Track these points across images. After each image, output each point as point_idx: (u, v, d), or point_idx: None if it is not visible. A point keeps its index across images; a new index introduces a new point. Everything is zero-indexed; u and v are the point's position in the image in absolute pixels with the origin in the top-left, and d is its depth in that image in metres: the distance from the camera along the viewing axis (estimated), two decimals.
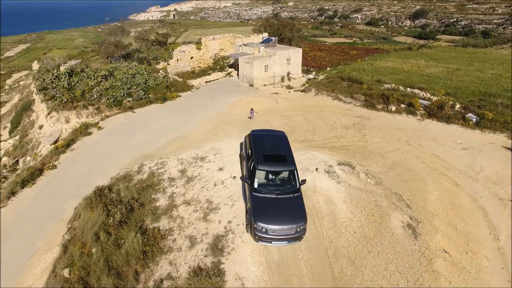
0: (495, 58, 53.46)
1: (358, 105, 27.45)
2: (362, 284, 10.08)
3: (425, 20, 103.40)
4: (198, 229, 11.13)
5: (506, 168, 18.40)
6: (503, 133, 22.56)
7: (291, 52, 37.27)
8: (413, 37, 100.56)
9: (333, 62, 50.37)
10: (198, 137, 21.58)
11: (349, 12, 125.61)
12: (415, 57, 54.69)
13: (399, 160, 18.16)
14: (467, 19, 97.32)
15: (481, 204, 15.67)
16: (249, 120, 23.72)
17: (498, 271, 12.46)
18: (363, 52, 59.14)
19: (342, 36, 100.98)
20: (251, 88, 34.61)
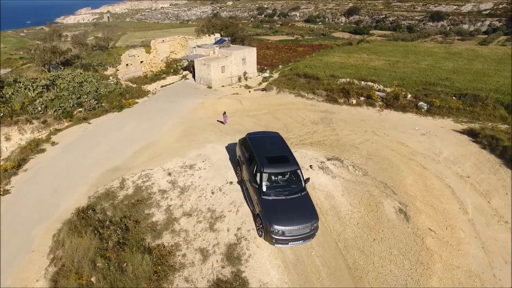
0: (425, 51, 59.01)
1: (321, 101, 28.53)
2: (375, 271, 10.61)
3: (359, 17, 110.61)
4: (207, 240, 10.72)
5: (460, 148, 20.54)
6: (449, 117, 25.14)
7: (246, 51, 37.41)
8: (349, 33, 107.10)
9: (283, 60, 51.54)
10: (170, 144, 20.74)
11: (288, 10, 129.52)
12: (357, 52, 58.18)
13: (372, 150, 19.30)
14: (394, 16, 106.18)
15: (448, 183, 17.32)
16: (220, 123, 23.34)
17: (473, 240, 13.91)
18: (309, 48, 61.43)
19: (284, 34, 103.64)
20: (210, 90, 34.08)
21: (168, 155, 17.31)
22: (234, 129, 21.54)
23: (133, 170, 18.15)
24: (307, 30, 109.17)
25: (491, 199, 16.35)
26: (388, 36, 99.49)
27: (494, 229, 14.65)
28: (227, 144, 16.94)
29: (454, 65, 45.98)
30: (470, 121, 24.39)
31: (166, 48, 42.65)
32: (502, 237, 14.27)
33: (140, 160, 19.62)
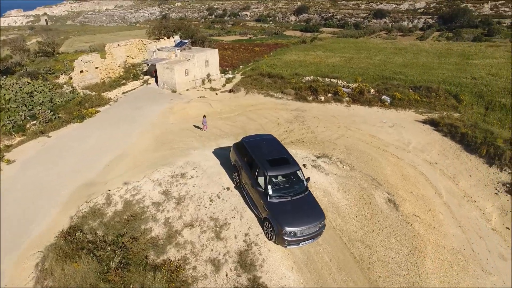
0: (375, 47, 62.60)
1: (290, 99, 29.08)
2: (379, 260, 11.13)
3: (308, 15, 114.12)
4: (215, 250, 10.44)
5: (425, 137, 22.17)
6: (410, 109, 27.00)
7: (209, 53, 36.92)
8: (300, 31, 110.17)
9: (242, 60, 51.60)
10: (148, 153, 19.88)
11: (238, 10, 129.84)
12: (313, 49, 60.02)
13: (349, 145, 20.12)
14: (341, 14, 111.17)
15: (420, 171, 18.63)
16: (198, 128, 22.79)
17: (451, 221, 15.11)
18: (266, 48, 62.14)
19: (236, 34, 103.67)
20: (175, 94, 33.13)
21: (151, 165, 16.56)
22: (212, 133, 21.19)
23: (112, 183, 17.13)
24: (259, 30, 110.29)
25: (458, 182, 17.88)
26: (337, 33, 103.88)
27: (466, 209, 16.04)
28: (213, 149, 16.63)
29: (403, 59, 49.30)
30: (428, 111, 26.38)
31: (123, 53, 40.62)
32: (473, 215, 15.69)
33: (117, 172, 18.59)
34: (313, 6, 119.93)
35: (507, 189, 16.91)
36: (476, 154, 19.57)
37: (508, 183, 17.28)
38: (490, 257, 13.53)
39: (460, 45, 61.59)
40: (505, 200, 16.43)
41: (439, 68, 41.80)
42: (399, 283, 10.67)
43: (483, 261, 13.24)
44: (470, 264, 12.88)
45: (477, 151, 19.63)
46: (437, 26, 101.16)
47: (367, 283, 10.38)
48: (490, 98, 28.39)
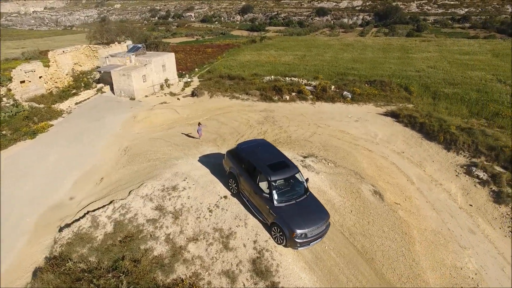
0: (323, 44, 65.36)
1: (256, 100, 29.29)
2: (379, 249, 11.79)
3: (253, 15, 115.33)
4: (227, 261, 10.21)
5: (388, 129, 23.77)
6: (370, 103, 28.73)
7: (165, 57, 35.77)
8: (246, 30, 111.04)
9: (196, 62, 50.76)
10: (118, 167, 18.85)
11: (182, 11, 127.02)
12: (265, 49, 60.91)
13: (323, 142, 20.88)
14: (285, 12, 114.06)
15: (391, 161, 19.98)
16: (170, 135, 22.00)
17: (426, 205, 16.43)
18: (218, 49, 61.72)
19: (183, 35, 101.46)
20: (134, 101, 31.62)
21: (131, 180, 15.69)
22: (189, 140, 20.62)
23: (86, 203, 16.04)
24: (206, 30, 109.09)
25: (425, 168, 19.49)
26: (283, 32, 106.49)
27: (435, 192, 17.55)
28: (197, 157, 16.18)
29: (351, 55, 52.17)
30: (386, 104, 28.31)
31: (69, 60, 37.67)
32: (442, 197, 17.22)
33: (90, 190, 17.43)
34: (257, 5, 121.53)
35: (465, 171, 18.82)
36: (435, 141, 21.47)
37: (465, 165, 19.23)
38: (463, 233, 14.98)
39: (398, 40, 66.78)
40: (465, 180, 18.28)
41: (385, 63, 44.95)
42: (400, 269, 11.42)
43: (458, 237, 14.62)
44: (449, 242, 14.15)
45: (436, 139, 21.55)
46: (374, 23, 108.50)
47: (373, 273, 10.95)
48: (435, 89, 31.26)
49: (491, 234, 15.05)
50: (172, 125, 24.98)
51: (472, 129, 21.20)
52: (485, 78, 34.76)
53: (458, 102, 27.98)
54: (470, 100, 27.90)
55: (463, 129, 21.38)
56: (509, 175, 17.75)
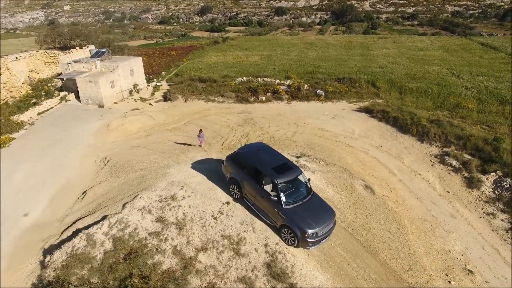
0: (287, 43, 66.38)
1: (232, 102, 29.20)
2: (380, 241, 12.34)
3: (212, 15, 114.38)
4: (241, 268, 10.12)
5: (364, 125, 24.81)
6: (343, 100, 29.77)
7: (133, 62, 34.49)
8: (207, 31, 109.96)
9: (162, 66, 49.46)
10: (100, 180, 18.00)
11: (138, 12, 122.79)
12: (230, 50, 60.73)
13: (307, 141, 21.34)
14: (244, 12, 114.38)
15: (372, 155, 20.91)
16: (150, 142, 21.27)
17: (410, 195, 17.40)
18: (182, 51, 60.53)
19: (141, 38, 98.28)
20: (103, 109, 30.17)
21: (121, 193, 15.01)
22: (174, 147, 20.07)
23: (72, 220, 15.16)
24: (165, 32, 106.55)
25: (403, 160, 20.64)
26: (243, 32, 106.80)
27: (416, 182, 18.65)
28: (190, 164, 15.81)
29: (316, 54, 53.56)
30: (358, 100, 29.49)
31: (23, 67, 35.05)
32: (423, 186, 18.35)
33: (73, 206, 16.49)
34: (216, 6, 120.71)
35: (439, 160, 20.19)
36: (409, 134, 22.77)
37: (438, 154, 20.63)
38: (445, 218, 16.09)
39: (357, 38, 69.65)
40: (440, 169, 19.62)
41: (349, 60, 46.72)
42: (401, 258, 12.05)
43: (442, 223, 15.68)
44: (435, 228, 15.13)
45: (409, 131, 22.86)
46: (331, 21, 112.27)
47: (379, 265, 11.47)
48: (400, 84, 33.09)
49: (469, 217, 16.31)
50: (149, 132, 24.20)
51: (440, 121, 22.78)
52: (441, 72, 37.39)
53: (422, 95, 29.86)
54: (433, 93, 29.89)
55: (433, 121, 22.90)
56: (477, 161, 19.31)
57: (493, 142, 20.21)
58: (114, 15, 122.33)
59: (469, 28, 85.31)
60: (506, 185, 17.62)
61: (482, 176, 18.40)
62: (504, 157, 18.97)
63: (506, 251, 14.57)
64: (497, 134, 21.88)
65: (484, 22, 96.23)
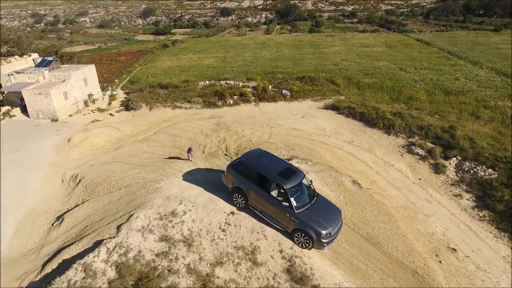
0: (238, 44, 66.49)
1: (200, 107, 28.63)
2: (380, 232, 13.06)
3: (156, 17, 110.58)
4: (262, 277, 9.99)
5: (333, 121, 25.90)
6: (308, 99, 30.73)
7: (86, 71, 32.20)
8: (152, 34, 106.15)
9: (113, 73, 46.87)
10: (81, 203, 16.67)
11: (74, 16, 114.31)
12: (181, 53, 59.35)
13: (284, 142, 21.71)
14: (189, 14, 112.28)
15: (346, 150, 21.94)
16: (124, 156, 20.07)
17: (388, 185, 18.59)
18: (131, 56, 57.78)
19: (81, 43, 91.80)
20: (58, 123, 27.80)
21: (109, 214, 14.00)
22: (152, 158, 19.15)
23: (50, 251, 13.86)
24: (107, 37, 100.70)
25: (375, 153, 21.95)
26: (190, 33, 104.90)
27: (391, 173, 19.98)
28: (180, 176, 15.21)
29: (270, 54, 54.43)
30: (322, 98, 30.65)
31: None
32: (397, 176, 19.73)
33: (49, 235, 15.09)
34: (159, 8, 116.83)
35: (407, 150, 21.84)
36: (376, 127, 24.26)
37: (405, 145, 22.30)
38: (423, 203, 17.47)
39: (306, 37, 72.09)
40: (409, 158, 21.23)
41: (304, 59, 48.24)
42: (399, 246, 12.90)
43: (421, 208, 17.00)
44: (416, 213, 16.37)
45: (376, 125, 24.36)
46: (276, 20, 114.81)
47: (383, 255, 12.16)
48: (356, 80, 35.01)
49: (441, 200, 17.89)
50: (118, 145, 22.85)
51: (402, 113, 24.61)
52: (390, 67, 40.30)
53: (379, 90, 31.94)
54: (388, 87, 32.13)
55: (395, 114, 24.66)
56: (439, 149, 21.23)
57: (449, 130, 22.34)
58: (46, 19, 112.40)
59: (402, 25, 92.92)
60: (466, 168, 19.62)
61: (445, 162, 20.29)
62: (460, 143, 21.07)
63: (476, 226, 16.25)
64: (449, 122, 24.22)
65: (413, 19, 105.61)
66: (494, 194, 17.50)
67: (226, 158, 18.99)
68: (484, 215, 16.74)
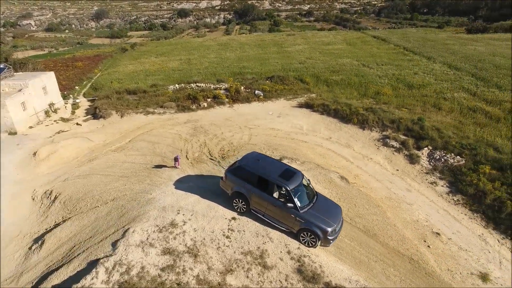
0: (200, 45, 65.59)
1: (174, 112, 27.90)
2: (373, 224, 13.58)
3: (110, 20, 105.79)
4: (274, 280, 9.93)
5: (309, 119, 26.45)
6: (281, 98, 31.09)
7: (45, 78, 30.11)
8: (107, 38, 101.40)
9: (73, 79, 44.23)
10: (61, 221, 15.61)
11: (16, 18, 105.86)
12: (143, 56, 57.52)
13: (266, 142, 21.82)
14: (145, 16, 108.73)
15: (326, 147, 22.52)
16: (102, 167, 19.02)
17: (370, 178, 19.29)
18: (90, 61, 54.86)
19: (28, 49, 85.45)
20: (17, 136, 25.70)
21: (98, 231, 13.21)
22: (134, 168, 18.32)
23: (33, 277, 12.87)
24: (57, 41, 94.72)
25: (353, 148, 22.76)
26: (148, 36, 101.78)
27: (370, 166, 20.81)
28: (171, 185, 14.69)
29: (234, 54, 54.33)
30: (294, 97, 31.16)
31: None
32: (377, 169, 20.58)
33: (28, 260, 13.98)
34: (112, 10, 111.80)
35: (382, 143, 22.89)
36: (351, 123, 25.15)
37: (380, 138, 23.37)
38: (404, 193, 18.39)
39: (267, 36, 72.81)
40: (385, 151, 22.25)
41: (270, 58, 48.74)
42: (393, 235, 13.52)
43: (403, 197, 17.89)
44: (400, 202, 17.25)
45: (350, 121, 25.25)
46: (235, 20, 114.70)
47: (381, 246, 12.68)
48: (325, 78, 36.06)
49: (419, 188, 18.97)
50: (91, 156, 21.63)
51: (373, 108, 25.75)
52: (354, 64, 41.97)
53: (347, 86, 33.15)
54: (355, 84, 33.44)
55: (367, 109, 25.75)
56: (412, 140, 22.50)
57: (418, 122, 23.77)
58: None
59: (357, 23, 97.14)
60: (437, 157, 20.99)
61: (418, 152, 21.56)
62: (429, 133, 22.48)
63: (452, 210, 17.43)
64: (416, 114, 25.75)
65: (366, 17, 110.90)
66: (464, 179, 18.87)
67: (213, 162, 18.68)
68: (458, 199, 18.01)
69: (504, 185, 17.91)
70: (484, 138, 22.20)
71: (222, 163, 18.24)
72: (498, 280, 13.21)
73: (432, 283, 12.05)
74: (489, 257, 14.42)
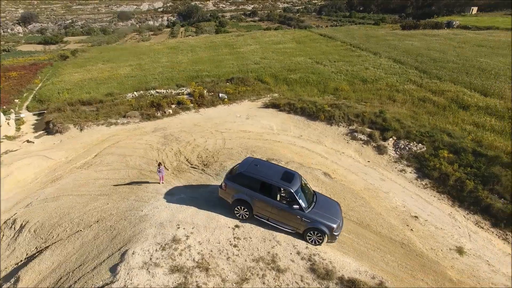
0: (149, 50, 63.18)
1: (139, 121, 26.61)
2: (365, 215, 14.29)
3: (40, 24, 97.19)
4: (291, 282, 9.93)
5: (277, 119, 26.90)
6: (245, 100, 31.17)
7: None
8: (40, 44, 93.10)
9: (9, 92, 40.05)
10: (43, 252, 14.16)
11: None
12: (89, 64, 54.01)
13: (241, 145, 21.77)
14: (81, 19, 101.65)
15: (299, 145, 23.08)
16: (72, 187, 17.52)
17: (346, 172, 20.16)
18: (26, 71, 50.05)
19: None
20: None
21: (89, 258, 12.18)
22: (102, 185, 17.10)
23: None
24: None
25: (325, 144, 23.65)
26: (87, 41, 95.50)
27: (344, 160, 21.77)
28: (162, 199, 13.96)
29: (186, 57, 53.18)
30: (258, 98, 31.45)
31: None
32: (350, 162, 21.63)
33: None
34: (42, 13, 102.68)
35: (351, 137, 24.09)
36: (318, 120, 26.07)
37: (348, 133, 24.56)
38: (379, 182, 19.55)
39: (217, 38, 72.27)
40: (354, 144, 23.44)
41: (224, 60, 48.51)
42: (382, 224, 14.37)
43: (379, 187, 18.99)
44: (377, 192, 18.31)
45: (318, 118, 26.16)
46: (179, 22, 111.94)
47: (375, 235, 13.39)
48: (283, 77, 36.84)
49: (391, 176, 20.33)
50: (54, 176, 19.87)
51: (337, 104, 26.97)
52: (308, 62, 43.43)
53: (306, 84, 34.23)
54: (314, 81, 34.67)
55: (332, 106, 26.89)
56: (377, 132, 24.01)
57: (380, 114, 25.41)
58: None
59: (300, 21, 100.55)
60: (402, 146, 22.65)
61: (385, 143, 23.07)
62: (392, 124, 24.16)
63: (423, 194, 18.93)
64: (375, 108, 27.49)
65: (308, 15, 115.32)
66: (428, 164, 20.61)
67: (196, 170, 18.18)
68: (426, 183, 19.61)
69: (461, 166, 19.88)
70: (437, 125, 24.34)
71: (207, 170, 17.86)
72: (470, 251, 14.66)
73: (423, 263, 13.04)
74: (460, 232, 15.93)
